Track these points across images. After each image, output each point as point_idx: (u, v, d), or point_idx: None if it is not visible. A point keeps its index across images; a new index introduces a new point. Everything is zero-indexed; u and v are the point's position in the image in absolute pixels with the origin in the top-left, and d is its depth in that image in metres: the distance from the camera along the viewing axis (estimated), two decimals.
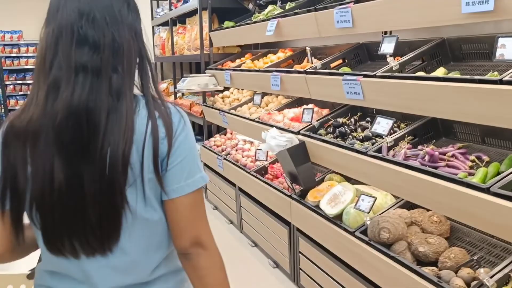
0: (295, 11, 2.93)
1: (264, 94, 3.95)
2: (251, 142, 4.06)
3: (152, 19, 6.90)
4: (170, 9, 5.70)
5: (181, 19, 5.70)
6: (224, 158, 3.96)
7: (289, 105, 3.46)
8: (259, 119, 3.33)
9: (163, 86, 6.53)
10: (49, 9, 1.03)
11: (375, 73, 2.15)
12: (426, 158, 2.01)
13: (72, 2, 0.99)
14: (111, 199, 0.97)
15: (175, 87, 5.96)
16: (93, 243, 1.00)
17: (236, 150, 4.02)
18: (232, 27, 4.02)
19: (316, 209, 2.52)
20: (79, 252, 1.01)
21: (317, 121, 2.75)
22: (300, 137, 2.70)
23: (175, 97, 5.99)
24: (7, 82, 10.09)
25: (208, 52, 4.62)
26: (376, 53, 2.80)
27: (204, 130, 4.77)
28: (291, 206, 2.78)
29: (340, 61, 2.83)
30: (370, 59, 2.87)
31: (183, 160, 1.03)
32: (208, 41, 4.57)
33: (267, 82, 3.18)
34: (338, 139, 2.53)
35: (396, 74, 2.05)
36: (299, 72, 2.81)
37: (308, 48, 2.73)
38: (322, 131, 2.68)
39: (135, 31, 1.04)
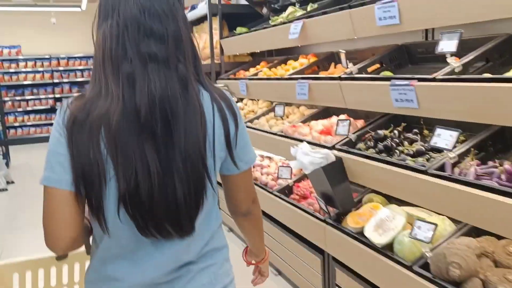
0: (323, 10, 2.60)
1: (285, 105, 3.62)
2: (270, 158, 3.70)
3: None
4: None
5: None
6: None
7: (314, 117, 3.12)
8: (282, 132, 2.98)
9: None
10: (106, 2, 1.05)
11: (434, 76, 1.80)
12: (504, 177, 1.66)
13: None
14: (198, 180, 1.04)
15: None
16: (183, 224, 1.05)
17: (254, 167, 3.67)
18: (246, 32, 3.69)
19: (359, 236, 2.16)
20: (173, 233, 1.06)
21: (353, 133, 2.40)
22: (336, 152, 2.35)
23: None
24: (5, 98, 9.78)
25: (219, 61, 4.29)
26: (419, 55, 2.47)
27: None
28: (325, 232, 2.41)
29: (377, 65, 2.49)
30: (411, 62, 2.52)
31: (246, 139, 1.19)
32: (219, 49, 4.24)
33: (292, 91, 2.84)
34: (382, 154, 2.18)
35: (463, 76, 1.70)
36: (331, 79, 2.47)
37: (342, 51, 2.40)
38: (361, 145, 2.33)
39: (186, 22, 1.09)
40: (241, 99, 4.18)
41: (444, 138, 1.76)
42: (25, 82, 10.18)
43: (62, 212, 1.02)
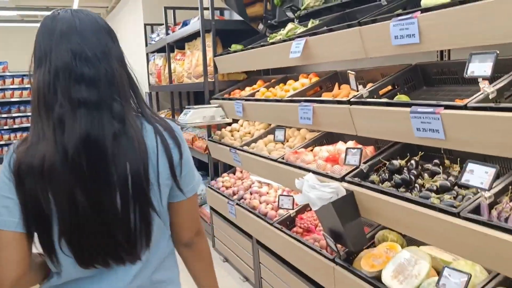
0: (329, 27, 2.37)
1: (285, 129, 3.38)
2: (268, 184, 3.44)
3: (146, 45, 6.36)
4: (167, 34, 5.16)
5: (179, 44, 5.16)
6: (237, 204, 3.34)
7: (317, 141, 2.87)
8: (283, 159, 2.73)
9: None
10: (39, 50, 1.09)
11: (465, 103, 1.56)
12: None
13: (63, 44, 1.07)
14: (142, 213, 1.10)
15: (173, 118, 5.37)
16: (125, 256, 1.12)
17: (251, 194, 3.40)
18: (241, 50, 3.46)
19: (374, 281, 1.90)
20: (111, 263, 1.12)
21: (364, 163, 2.16)
22: (346, 185, 2.10)
23: None
24: None
25: (213, 80, 4.05)
26: (434, 77, 2.24)
27: (209, 169, 4.15)
28: (334, 273, 2.15)
29: (389, 87, 2.26)
30: (426, 84, 2.30)
31: (191, 166, 1.23)
32: (213, 67, 4.00)
33: (293, 114, 2.60)
34: (401, 189, 1.93)
35: (503, 105, 1.46)
36: (339, 102, 2.23)
37: (351, 72, 2.16)
38: (374, 177, 2.08)
39: (122, 61, 1.14)
40: (236, 120, 3.93)
41: (478, 175, 1.52)
42: (12, 99, 9.87)
43: (8, 252, 1.06)
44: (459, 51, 2.32)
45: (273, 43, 2.94)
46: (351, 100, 2.15)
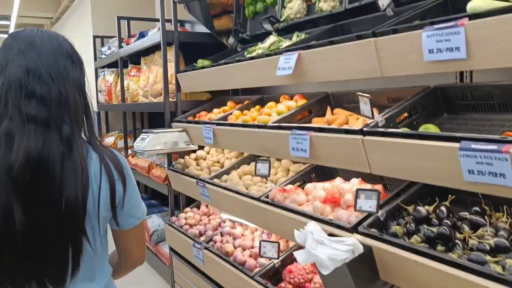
0: (330, 39, 1.93)
1: (257, 157, 2.90)
2: (242, 224, 2.93)
3: (96, 59, 5.72)
4: (120, 47, 4.58)
5: (134, 59, 4.60)
6: (206, 248, 2.80)
7: (305, 175, 2.41)
8: (267, 197, 2.24)
9: (109, 140, 5.29)
10: None
11: None
12: None
13: (19, 59, 1.08)
14: (72, 240, 1.09)
15: (125, 142, 4.76)
16: (47, 281, 1.09)
17: (222, 236, 2.87)
18: (211, 66, 2.97)
19: None
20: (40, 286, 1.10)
21: (381, 209, 1.71)
22: (360, 238, 1.64)
23: (126, 155, 4.77)
24: None
25: (175, 100, 3.52)
26: (459, 102, 1.86)
27: (169, 202, 3.58)
28: None
29: (405, 114, 1.85)
30: (447, 111, 1.90)
31: (136, 198, 1.25)
32: (175, 85, 3.48)
33: (282, 145, 2.13)
34: (439, 247, 1.49)
35: None
36: (347, 132, 1.78)
37: (365, 95, 1.72)
38: (397, 228, 1.63)
39: (79, 86, 1.16)
40: (201, 147, 3.41)
41: None
42: None
43: None
44: (481, 72, 1.96)
45: (252, 58, 2.47)
46: (364, 129, 1.70)
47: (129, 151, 4.78)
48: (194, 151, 3.39)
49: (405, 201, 1.76)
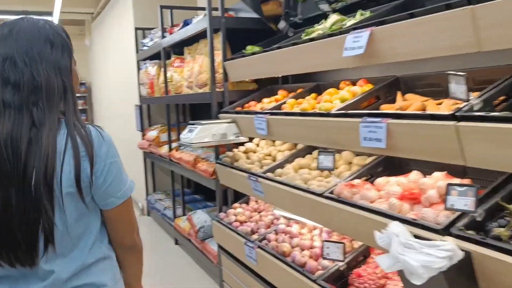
0: (410, 11, 1.68)
1: (312, 149, 2.67)
2: (298, 221, 2.71)
3: (137, 52, 5.62)
4: (163, 37, 4.45)
5: (177, 49, 4.45)
6: (259, 247, 2.60)
7: (372, 169, 2.17)
8: (331, 193, 2.01)
9: (152, 134, 5.18)
10: None
11: None
12: None
13: (0, 48, 1.17)
14: (40, 217, 1.12)
15: (169, 135, 4.64)
16: (22, 258, 1.15)
17: (277, 234, 2.67)
18: (262, 51, 2.75)
19: None
20: (14, 263, 1.15)
21: (478, 208, 1.45)
22: (454, 241, 1.39)
23: (170, 149, 4.64)
24: None
25: (222, 90, 3.33)
26: None
27: (217, 198, 3.41)
28: None
29: (503, 96, 1.57)
30: None
31: (115, 178, 1.24)
32: (222, 74, 3.29)
33: (351, 134, 1.89)
34: None
35: None
36: (435, 118, 1.53)
37: (459, 74, 1.47)
38: (500, 231, 1.37)
39: (58, 67, 1.20)
40: (251, 139, 3.21)
41: None
42: None
43: None
44: None
45: (312, 40, 2.24)
46: (457, 114, 1.45)
47: (173, 145, 4.65)
48: (242, 144, 3.20)
49: (505, 199, 1.50)
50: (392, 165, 2.20)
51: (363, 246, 2.22)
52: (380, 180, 1.96)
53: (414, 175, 1.88)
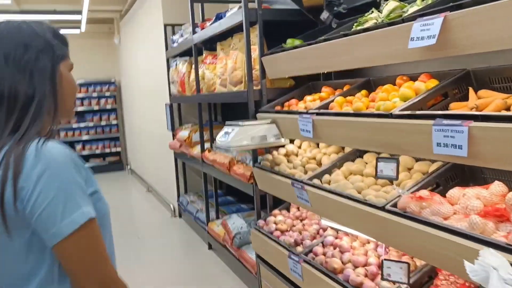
0: None
1: (362, 152, 2.41)
2: (348, 233, 2.45)
3: (167, 49, 5.44)
4: (194, 32, 4.24)
5: (209, 45, 4.23)
6: (305, 261, 2.36)
7: (439, 177, 1.88)
8: (394, 206, 1.75)
9: (183, 134, 5.00)
10: None
11: None
12: None
13: None
14: None
15: (201, 135, 4.44)
16: None
17: (324, 247, 2.42)
18: (306, 45, 2.49)
19: None
20: None
21: None
22: None
23: (202, 150, 4.44)
24: None
25: (259, 87, 3.09)
26: None
27: (255, 204, 3.17)
28: None
29: None
30: None
31: (50, 204, 1.00)
32: (259, 70, 3.05)
33: (419, 139, 1.62)
34: None
35: None
36: None
37: None
38: None
39: (30, 72, 1.09)
40: (292, 141, 2.96)
41: None
42: None
43: None
44: None
45: (366, 30, 1.97)
46: None
47: (205, 146, 4.45)
48: (283, 146, 2.95)
49: None
50: (462, 173, 1.92)
51: (428, 265, 1.95)
52: (454, 192, 1.68)
53: (497, 186, 1.59)
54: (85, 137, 9.81)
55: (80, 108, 9.64)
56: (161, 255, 4.45)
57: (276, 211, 3.04)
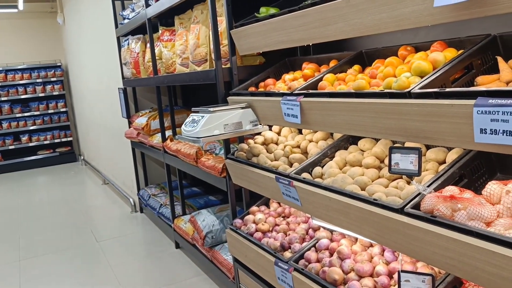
0: None
1: (356, 138, 2.06)
2: (344, 235, 2.10)
3: (117, 26, 4.87)
4: (147, 5, 3.71)
5: (165, 19, 3.73)
6: (296, 269, 1.99)
7: (465, 167, 1.55)
8: (416, 208, 1.39)
9: (140, 121, 4.49)
10: None
11: None
12: None
13: None
14: None
15: (161, 122, 3.96)
16: None
17: (317, 250, 2.06)
18: (288, 12, 2.08)
19: None
20: None
21: None
22: None
23: (164, 138, 3.97)
24: None
25: (228, 65, 2.66)
26: None
27: (230, 201, 2.77)
28: None
29: None
30: None
31: None
32: (228, 46, 2.61)
33: (451, 124, 1.26)
34: None
35: None
36: None
37: None
38: None
39: None
40: (270, 127, 2.56)
41: None
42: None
43: None
44: None
45: None
46: None
47: (167, 133, 3.98)
48: (259, 133, 2.56)
49: None
50: (488, 161, 1.59)
51: (451, 275, 1.62)
52: (493, 189, 1.34)
53: None
54: (31, 127, 9.02)
55: (23, 96, 8.83)
56: (121, 256, 3.99)
57: (254, 208, 2.65)
